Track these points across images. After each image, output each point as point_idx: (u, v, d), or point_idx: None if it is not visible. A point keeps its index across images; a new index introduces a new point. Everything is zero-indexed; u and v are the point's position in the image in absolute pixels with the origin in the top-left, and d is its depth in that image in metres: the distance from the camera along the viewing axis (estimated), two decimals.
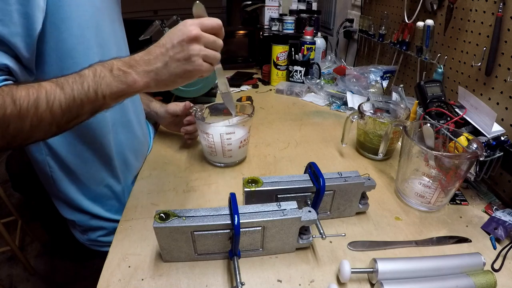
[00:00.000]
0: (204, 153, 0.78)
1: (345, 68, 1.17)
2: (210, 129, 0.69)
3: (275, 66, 1.28)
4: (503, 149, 0.62)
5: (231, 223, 0.46)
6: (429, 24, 0.89)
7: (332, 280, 0.48)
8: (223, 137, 0.69)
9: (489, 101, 0.74)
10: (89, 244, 0.73)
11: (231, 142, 0.71)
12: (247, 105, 0.76)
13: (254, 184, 0.54)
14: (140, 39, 0.97)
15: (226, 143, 0.71)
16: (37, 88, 0.44)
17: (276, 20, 1.46)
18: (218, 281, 0.48)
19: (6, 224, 1.47)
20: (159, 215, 0.46)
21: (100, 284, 0.47)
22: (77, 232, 0.72)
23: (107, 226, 0.71)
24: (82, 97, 0.46)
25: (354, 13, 1.48)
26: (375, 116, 0.81)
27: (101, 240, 0.72)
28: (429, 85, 0.77)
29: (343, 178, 0.56)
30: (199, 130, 0.73)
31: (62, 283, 1.52)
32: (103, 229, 0.71)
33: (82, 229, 0.71)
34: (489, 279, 0.46)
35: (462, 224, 0.61)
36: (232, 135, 0.70)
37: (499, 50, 0.70)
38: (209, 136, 0.70)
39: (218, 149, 0.72)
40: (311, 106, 1.15)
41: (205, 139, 0.72)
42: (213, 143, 0.71)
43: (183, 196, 0.66)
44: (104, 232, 0.71)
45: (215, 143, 0.71)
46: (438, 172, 0.60)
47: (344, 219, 0.60)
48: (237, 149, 0.73)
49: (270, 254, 0.52)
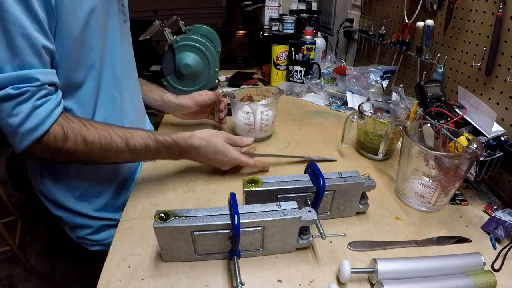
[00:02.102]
0: (239, 131, 0.88)
1: (345, 68, 1.17)
2: (252, 108, 0.80)
3: (275, 66, 1.28)
4: (503, 149, 0.62)
5: (231, 223, 0.46)
6: (429, 24, 0.89)
7: (332, 280, 0.48)
8: (263, 114, 0.82)
9: (489, 101, 0.74)
10: (78, 241, 0.72)
11: (268, 118, 0.84)
12: (272, 88, 0.91)
13: (254, 184, 0.54)
14: (140, 39, 0.97)
15: (264, 119, 0.83)
16: (109, 140, 0.56)
17: (276, 20, 1.46)
18: (218, 281, 0.48)
19: (6, 224, 1.47)
20: (159, 215, 0.46)
21: (100, 284, 0.47)
22: (67, 229, 0.72)
23: (93, 224, 0.70)
24: (140, 160, 0.68)
25: (354, 13, 1.48)
26: (375, 116, 0.81)
27: (89, 238, 0.71)
28: (429, 85, 0.77)
29: (343, 178, 0.56)
30: (238, 111, 0.84)
31: (62, 283, 1.53)
32: (90, 227, 0.70)
33: (69, 226, 0.70)
34: (489, 279, 0.46)
35: (462, 224, 0.61)
36: (269, 111, 0.83)
37: (499, 50, 0.70)
38: (249, 114, 0.82)
39: (257, 126, 0.84)
40: (311, 106, 1.15)
41: (245, 118, 0.83)
42: (253, 120, 0.83)
43: (183, 196, 0.66)
44: (91, 230, 0.71)
45: (256, 120, 0.83)
46: (438, 172, 0.60)
47: (344, 219, 0.60)
48: (271, 124, 0.87)
49: (270, 254, 0.52)
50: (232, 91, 0.87)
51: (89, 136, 0.54)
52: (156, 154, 0.62)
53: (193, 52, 1.02)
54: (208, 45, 1.03)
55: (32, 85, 0.48)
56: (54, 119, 0.51)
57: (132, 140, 0.58)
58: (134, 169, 0.76)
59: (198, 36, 1.04)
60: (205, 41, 1.03)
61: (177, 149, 0.64)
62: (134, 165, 0.76)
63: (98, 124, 0.56)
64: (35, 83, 0.48)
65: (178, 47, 1.01)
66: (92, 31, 0.57)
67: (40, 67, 0.49)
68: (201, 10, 3.25)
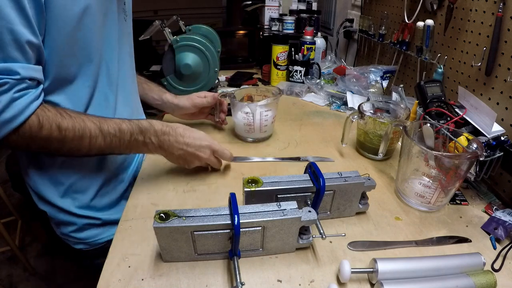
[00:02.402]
0: (238, 131, 0.88)
1: (345, 68, 1.17)
2: (251, 108, 0.80)
3: (275, 66, 1.28)
4: (503, 149, 0.62)
5: (231, 223, 0.46)
6: (429, 24, 0.89)
7: (332, 280, 0.48)
8: (262, 115, 0.82)
9: (489, 101, 0.74)
10: (63, 238, 0.71)
11: (267, 119, 0.83)
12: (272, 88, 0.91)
13: (254, 184, 0.54)
14: (140, 39, 0.97)
15: (263, 119, 0.83)
16: (83, 127, 0.56)
17: (276, 20, 1.46)
18: (218, 281, 0.48)
19: (6, 224, 1.47)
20: (159, 215, 0.46)
21: (100, 284, 0.47)
22: (53, 225, 0.71)
23: (77, 221, 0.69)
24: (116, 148, 0.60)
25: (354, 13, 1.48)
26: (375, 116, 0.81)
27: (73, 236, 0.70)
28: (429, 85, 0.77)
29: (343, 178, 0.56)
30: (238, 111, 0.84)
31: (62, 283, 1.52)
32: (73, 225, 0.69)
33: (54, 222, 0.70)
34: (489, 279, 0.46)
35: (462, 224, 0.61)
36: (269, 112, 0.83)
37: (499, 50, 0.70)
38: (248, 115, 0.81)
39: (256, 126, 0.84)
40: (311, 106, 1.15)
41: (244, 118, 0.83)
42: (252, 121, 0.82)
43: (183, 196, 0.66)
44: (74, 228, 0.69)
45: (255, 120, 0.82)
46: (438, 172, 0.60)
47: (344, 219, 0.60)
48: (270, 124, 0.86)
49: (270, 254, 0.52)
50: (232, 91, 0.87)
51: (63, 124, 0.54)
52: (131, 141, 0.61)
53: (193, 52, 1.02)
54: (208, 45, 1.03)
55: (12, 77, 0.49)
56: (31, 112, 0.52)
57: (105, 125, 0.58)
58: (122, 168, 0.75)
59: (198, 36, 1.04)
60: (205, 41, 1.03)
61: (153, 132, 0.62)
62: (121, 160, 0.74)
63: (74, 113, 0.56)
64: (15, 76, 0.49)
65: (178, 47, 1.01)
66: (86, 28, 0.57)
67: (23, 61, 0.50)
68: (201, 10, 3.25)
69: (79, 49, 0.58)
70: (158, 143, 0.63)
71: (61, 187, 0.66)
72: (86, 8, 0.56)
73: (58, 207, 0.67)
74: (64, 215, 0.68)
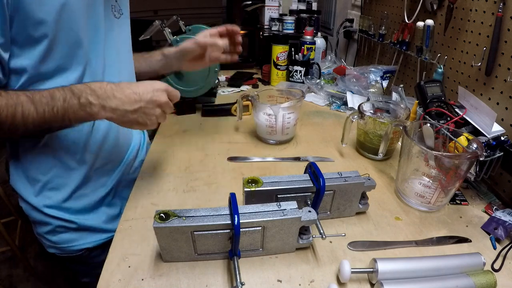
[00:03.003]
0: (260, 133, 0.88)
1: (345, 68, 1.17)
2: (274, 110, 0.79)
3: (275, 66, 1.28)
4: (503, 149, 0.62)
5: (231, 223, 0.46)
6: (429, 24, 0.89)
7: (332, 280, 0.48)
8: (285, 117, 0.81)
9: (489, 101, 0.74)
10: (39, 238, 0.69)
11: (290, 121, 0.83)
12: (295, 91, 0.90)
13: (254, 184, 0.54)
14: (140, 39, 0.97)
15: (286, 121, 0.82)
16: (15, 101, 0.50)
17: (276, 20, 1.46)
18: (218, 281, 0.48)
19: (6, 224, 1.47)
20: (159, 215, 0.46)
21: (100, 284, 0.47)
22: (31, 222, 0.68)
23: (50, 222, 0.65)
24: (52, 118, 0.52)
25: (354, 13, 1.48)
26: (375, 116, 0.81)
27: (46, 238, 0.67)
28: (429, 85, 0.77)
29: (343, 178, 0.56)
30: (260, 112, 0.82)
31: (62, 283, 1.52)
32: (47, 225, 0.66)
33: (30, 219, 0.67)
34: (489, 279, 0.46)
35: (462, 224, 0.61)
36: (291, 114, 0.81)
37: (499, 50, 0.70)
38: (271, 117, 0.80)
39: (278, 128, 0.83)
40: (311, 106, 1.15)
41: (266, 120, 0.82)
42: (274, 123, 0.81)
43: (183, 196, 0.66)
44: (47, 229, 0.66)
45: (277, 122, 0.81)
46: (438, 172, 0.60)
47: (344, 219, 0.60)
48: (292, 127, 0.85)
49: (270, 254, 0.52)
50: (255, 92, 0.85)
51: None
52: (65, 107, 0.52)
53: None
54: None
55: None
56: None
57: (37, 95, 0.51)
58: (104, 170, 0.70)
59: None
60: None
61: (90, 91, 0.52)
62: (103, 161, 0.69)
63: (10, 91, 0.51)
64: None
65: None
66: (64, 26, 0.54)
67: None
68: (201, 10, 3.25)
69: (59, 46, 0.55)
70: (101, 102, 0.52)
71: (37, 184, 0.63)
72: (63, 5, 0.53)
73: (31, 204, 0.64)
74: (36, 213, 0.65)
